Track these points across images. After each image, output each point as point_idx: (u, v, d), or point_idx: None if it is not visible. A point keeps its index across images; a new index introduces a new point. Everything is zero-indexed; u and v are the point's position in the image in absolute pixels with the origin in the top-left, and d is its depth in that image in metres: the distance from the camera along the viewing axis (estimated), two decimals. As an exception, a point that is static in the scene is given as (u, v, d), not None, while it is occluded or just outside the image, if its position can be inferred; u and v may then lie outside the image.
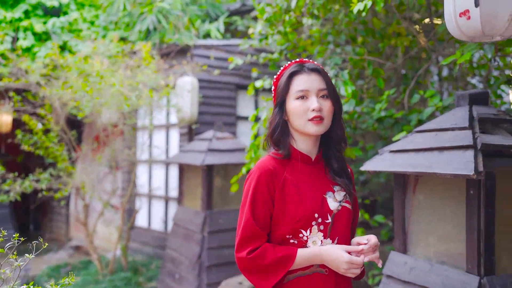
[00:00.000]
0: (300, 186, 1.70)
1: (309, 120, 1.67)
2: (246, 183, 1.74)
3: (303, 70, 1.72)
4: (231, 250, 5.18)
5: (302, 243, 1.66)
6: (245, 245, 1.65)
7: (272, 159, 1.74)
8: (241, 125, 6.66)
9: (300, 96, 1.68)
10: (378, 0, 3.10)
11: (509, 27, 1.59)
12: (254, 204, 1.66)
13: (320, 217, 1.66)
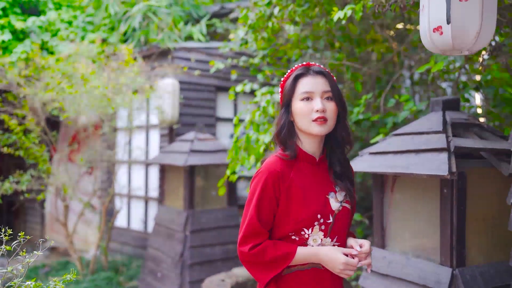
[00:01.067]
0: (305, 187, 1.76)
1: (313, 121, 1.72)
2: (253, 182, 1.78)
3: (308, 72, 1.78)
4: (212, 248, 5.31)
5: (303, 240, 1.74)
6: (247, 240, 1.74)
7: (279, 160, 1.78)
8: (220, 127, 6.79)
9: (305, 97, 1.74)
10: (357, 10, 3.28)
11: (476, 43, 1.77)
12: (260, 205, 1.72)
13: (322, 217, 1.74)
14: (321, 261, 1.74)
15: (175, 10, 7.06)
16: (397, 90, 5.30)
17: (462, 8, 1.69)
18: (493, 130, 2.76)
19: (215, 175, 5.56)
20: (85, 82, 4.93)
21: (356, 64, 4.58)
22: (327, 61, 4.47)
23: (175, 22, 6.73)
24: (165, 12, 6.75)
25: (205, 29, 6.97)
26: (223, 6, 7.80)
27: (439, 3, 1.73)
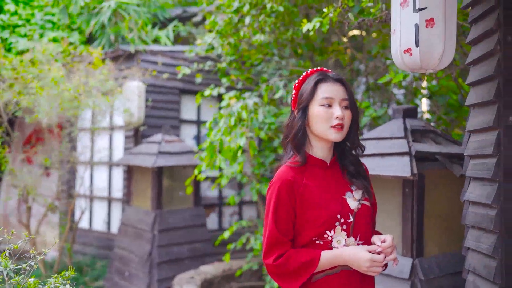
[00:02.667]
0: (319, 190, 1.76)
1: (331, 127, 1.74)
2: (268, 194, 1.79)
3: (328, 78, 1.79)
4: (180, 247, 5.47)
5: (327, 243, 1.72)
6: (270, 252, 1.73)
7: (289, 168, 1.78)
8: (184, 128, 6.93)
9: (325, 103, 1.75)
10: (324, 23, 3.55)
11: (440, 64, 2.06)
12: (277, 215, 1.73)
13: (342, 217, 1.73)
14: (346, 262, 1.71)
15: (143, 11, 7.14)
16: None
17: (428, 33, 1.96)
18: (446, 136, 3.10)
19: (182, 176, 5.71)
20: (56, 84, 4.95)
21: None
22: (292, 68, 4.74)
23: (144, 24, 6.82)
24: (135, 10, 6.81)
25: (172, 33, 7.10)
26: (185, 9, 7.93)
27: (409, 28, 2.00)
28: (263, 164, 5.12)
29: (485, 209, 2.16)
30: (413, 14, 1.96)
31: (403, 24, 2.00)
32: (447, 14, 1.97)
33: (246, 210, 7.41)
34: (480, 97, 2.21)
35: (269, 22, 4.33)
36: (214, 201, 7.04)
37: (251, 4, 4.29)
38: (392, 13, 2.08)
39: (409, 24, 1.98)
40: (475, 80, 2.25)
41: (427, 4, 1.94)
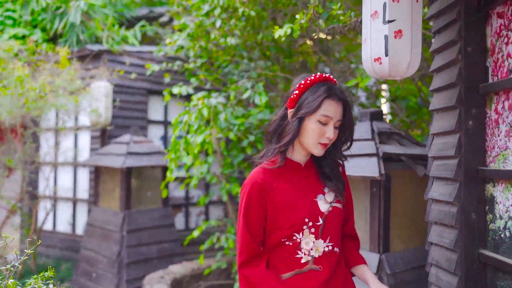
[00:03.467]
0: (290, 193, 1.77)
1: (319, 143, 1.74)
2: (240, 194, 1.82)
3: (334, 96, 1.75)
4: (149, 247, 5.48)
5: (296, 244, 1.74)
6: (242, 254, 1.77)
7: (263, 170, 1.79)
8: (151, 129, 6.93)
9: (323, 121, 1.73)
10: (295, 29, 3.67)
11: (407, 72, 2.21)
12: (247, 218, 1.76)
13: (310, 221, 1.74)
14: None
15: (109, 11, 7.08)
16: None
17: (397, 44, 2.11)
18: (410, 138, 3.29)
19: (150, 177, 5.73)
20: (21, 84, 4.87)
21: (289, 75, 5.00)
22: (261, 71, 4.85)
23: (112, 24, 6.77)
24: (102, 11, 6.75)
25: (139, 33, 7.08)
26: (152, 9, 7.91)
27: (379, 38, 2.14)
28: (231, 164, 5.20)
29: (447, 206, 2.33)
30: (383, 26, 2.10)
31: (373, 34, 2.13)
32: (414, 26, 2.11)
33: (213, 210, 7.47)
34: (443, 102, 2.38)
35: (240, 26, 4.42)
36: (181, 201, 7.07)
37: (222, 7, 4.37)
38: (363, 24, 2.22)
39: (379, 34, 2.11)
40: (438, 86, 2.42)
41: (396, 17, 2.07)
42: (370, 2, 2.15)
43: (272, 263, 1.79)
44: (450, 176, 2.27)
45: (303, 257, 1.75)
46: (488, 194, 2.17)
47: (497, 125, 2.11)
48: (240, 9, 4.19)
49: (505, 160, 2.04)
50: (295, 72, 5.69)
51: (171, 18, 7.33)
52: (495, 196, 2.12)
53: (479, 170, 2.19)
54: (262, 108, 4.55)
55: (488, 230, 2.17)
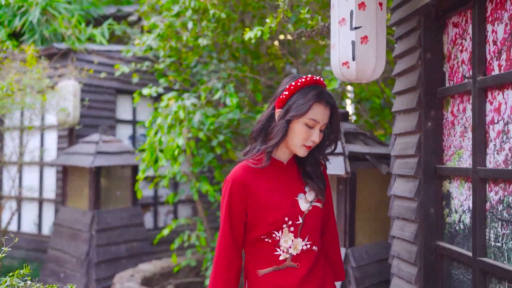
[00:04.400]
0: (271, 191, 1.78)
1: (304, 145, 1.75)
2: (222, 190, 1.83)
3: (323, 100, 1.74)
4: (118, 246, 5.50)
5: (275, 242, 1.75)
6: (219, 251, 1.79)
7: (245, 167, 1.79)
8: (120, 128, 6.91)
9: (310, 124, 1.72)
10: (265, 32, 3.79)
11: (372, 75, 2.35)
12: (229, 215, 1.77)
13: (290, 219, 1.74)
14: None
15: (75, 9, 7.02)
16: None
17: (363, 49, 2.24)
18: (374, 138, 3.46)
19: (119, 176, 5.74)
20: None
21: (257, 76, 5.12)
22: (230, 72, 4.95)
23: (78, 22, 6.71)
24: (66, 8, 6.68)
25: (107, 32, 7.04)
26: (120, 8, 7.88)
27: (346, 44, 2.27)
28: (201, 163, 5.28)
29: (408, 202, 2.49)
30: (350, 32, 2.23)
31: (341, 40, 2.27)
32: (379, 32, 2.26)
33: (182, 209, 7.51)
34: (404, 105, 2.54)
35: (211, 28, 4.51)
36: (149, 200, 7.09)
37: (193, 9, 4.44)
38: (332, 30, 2.35)
39: (347, 40, 2.24)
40: (400, 90, 2.59)
41: (362, 24, 2.21)
42: (338, 9, 2.28)
43: (250, 257, 1.81)
44: (410, 174, 2.43)
45: (281, 254, 1.76)
46: (445, 190, 2.34)
47: (453, 126, 2.28)
48: (211, 11, 4.28)
49: (460, 159, 2.22)
50: (264, 73, 5.82)
51: (139, 18, 7.33)
52: (451, 192, 2.29)
53: (437, 168, 2.36)
54: (232, 109, 4.65)
55: (445, 223, 2.34)
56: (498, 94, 1.93)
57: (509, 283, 1.83)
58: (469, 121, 2.14)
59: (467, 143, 2.16)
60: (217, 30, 4.66)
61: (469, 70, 2.15)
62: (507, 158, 1.86)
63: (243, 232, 1.81)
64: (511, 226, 1.83)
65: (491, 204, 1.96)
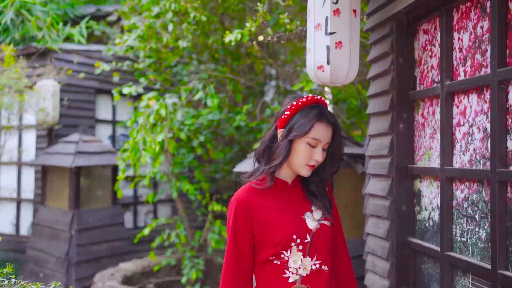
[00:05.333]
0: (277, 211, 1.75)
1: (307, 165, 1.74)
2: (227, 213, 1.80)
3: (324, 119, 1.74)
4: (99, 246, 5.52)
5: (284, 263, 1.72)
6: (225, 279, 1.74)
7: (249, 188, 1.78)
8: (100, 128, 6.91)
9: (312, 144, 1.72)
10: (245, 34, 3.87)
11: (346, 79, 2.45)
12: (236, 240, 1.74)
13: (298, 238, 1.72)
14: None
15: (52, 8, 6.98)
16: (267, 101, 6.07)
17: (337, 54, 2.34)
18: (350, 138, 3.58)
19: (100, 176, 5.75)
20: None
21: (237, 77, 5.20)
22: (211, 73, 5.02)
23: (53, 21, 6.68)
24: (41, 10, 6.64)
25: (85, 31, 7.02)
26: (99, 8, 7.86)
27: (321, 48, 2.37)
28: (182, 163, 5.34)
29: (382, 200, 2.61)
30: (325, 37, 2.33)
31: (316, 44, 2.37)
32: (352, 38, 2.36)
33: (161, 209, 7.54)
34: (378, 107, 2.65)
35: (191, 30, 4.57)
36: (129, 200, 7.10)
37: (173, 11, 4.50)
38: (308, 35, 2.45)
39: (322, 45, 2.34)
40: (374, 93, 2.70)
41: (336, 29, 2.31)
42: (314, 15, 2.38)
43: (259, 282, 1.77)
44: (384, 173, 2.54)
45: (290, 277, 1.71)
46: (416, 189, 2.46)
47: (423, 128, 2.40)
48: (192, 14, 4.34)
49: (429, 159, 2.33)
50: (243, 74, 5.90)
51: (119, 17, 7.33)
52: (421, 190, 2.41)
53: (409, 168, 2.47)
54: (213, 109, 4.72)
55: (416, 220, 2.46)
56: (463, 98, 2.05)
57: (473, 275, 1.95)
58: (438, 123, 2.26)
59: (436, 144, 2.28)
60: (197, 32, 4.73)
61: (438, 75, 2.27)
62: (472, 158, 1.98)
63: (250, 255, 1.76)
64: (475, 222, 1.95)
65: (457, 202, 2.08)
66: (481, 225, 1.91)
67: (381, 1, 2.56)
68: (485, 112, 1.90)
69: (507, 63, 1.77)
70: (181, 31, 4.58)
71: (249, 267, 1.77)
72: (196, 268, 4.96)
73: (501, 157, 1.76)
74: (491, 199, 1.78)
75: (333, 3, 2.32)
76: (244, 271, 1.75)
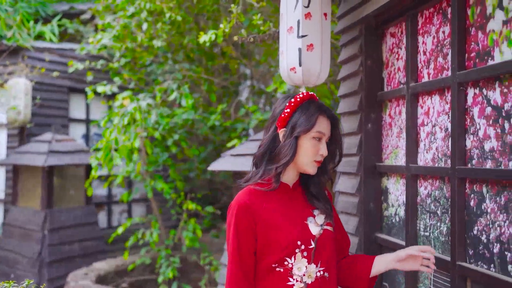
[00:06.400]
0: (280, 215, 1.70)
1: (314, 161, 1.72)
2: (227, 218, 1.73)
3: (324, 113, 1.74)
4: (71, 245, 5.48)
5: (287, 270, 1.65)
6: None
7: (250, 191, 1.72)
8: (73, 127, 6.86)
9: (317, 137, 1.71)
10: (219, 35, 3.92)
11: (317, 80, 2.53)
12: (239, 247, 1.66)
13: (302, 243, 1.66)
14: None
15: (22, 6, 6.87)
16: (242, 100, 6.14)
17: (309, 56, 2.42)
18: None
19: (73, 175, 5.72)
20: None
21: (211, 77, 5.25)
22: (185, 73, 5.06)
23: (24, 19, 6.59)
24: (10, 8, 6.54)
25: (57, 29, 6.95)
26: (72, 6, 7.79)
27: (294, 50, 2.44)
28: (156, 162, 5.35)
29: (351, 197, 2.70)
30: (297, 40, 2.41)
31: (289, 47, 2.44)
32: (323, 40, 2.44)
33: (136, 208, 7.53)
34: (347, 107, 2.74)
35: (166, 29, 4.60)
36: (103, 199, 7.06)
37: (148, 11, 4.52)
38: (280, 38, 2.52)
39: (294, 47, 2.42)
40: (344, 93, 2.79)
41: (308, 32, 2.39)
42: (286, 18, 2.45)
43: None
44: (353, 171, 2.63)
45: (295, 284, 1.64)
46: (383, 186, 2.56)
47: (390, 128, 2.50)
48: (167, 14, 4.37)
49: (396, 157, 2.43)
50: (218, 74, 5.95)
51: (93, 16, 7.28)
52: (388, 187, 2.51)
53: (377, 166, 2.57)
54: (187, 109, 4.76)
55: (383, 216, 2.55)
56: (427, 99, 2.16)
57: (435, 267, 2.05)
58: (403, 123, 2.36)
59: (402, 143, 2.37)
60: (172, 31, 4.76)
61: (404, 76, 2.37)
62: (434, 156, 2.08)
63: (253, 262, 1.69)
64: (436, 217, 2.05)
65: (421, 198, 2.18)
66: (442, 220, 2.02)
67: (351, 4, 2.65)
68: (447, 112, 2.01)
69: (466, 66, 1.87)
70: (155, 31, 4.60)
71: (252, 273, 1.69)
72: (172, 267, 4.99)
73: (460, 155, 1.87)
74: (451, 195, 1.88)
75: (304, 7, 2.39)
76: (248, 278, 1.67)
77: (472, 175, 1.80)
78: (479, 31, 1.81)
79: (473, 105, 1.84)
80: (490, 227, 1.73)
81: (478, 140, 1.81)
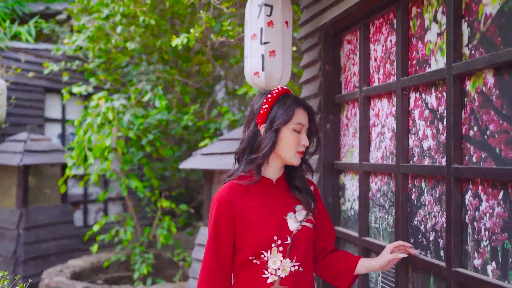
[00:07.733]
0: (260, 210, 1.74)
1: (297, 152, 1.77)
2: (209, 212, 1.79)
3: (301, 105, 1.79)
4: (47, 244, 5.56)
5: (263, 263, 1.71)
6: (202, 282, 1.73)
7: (232, 185, 1.77)
8: (49, 127, 6.91)
9: (297, 129, 1.75)
10: (191, 38, 4.07)
11: (279, 84, 2.71)
12: (217, 234, 1.73)
13: (279, 239, 1.71)
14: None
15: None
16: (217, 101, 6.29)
17: (271, 61, 2.59)
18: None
19: (49, 174, 5.79)
20: None
21: (185, 79, 5.39)
22: (159, 73, 5.19)
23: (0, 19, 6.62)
24: None
25: (33, 30, 6.99)
26: (48, 6, 7.82)
27: (257, 56, 2.61)
28: (131, 161, 5.47)
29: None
30: (260, 46, 2.58)
31: (253, 52, 2.61)
32: (285, 47, 2.62)
33: (112, 207, 7.61)
34: (309, 109, 2.93)
35: (140, 32, 4.72)
36: (79, 198, 7.13)
37: (122, 14, 4.63)
38: (245, 43, 2.69)
39: (257, 53, 2.59)
40: (306, 96, 2.97)
41: (270, 39, 2.56)
42: (250, 26, 2.62)
43: (238, 283, 1.76)
44: (313, 169, 2.81)
45: (269, 277, 1.71)
46: (341, 183, 2.75)
47: (347, 128, 2.69)
48: (141, 18, 4.49)
49: (351, 155, 2.62)
50: (192, 75, 6.09)
51: (69, 16, 7.33)
52: (345, 184, 2.70)
53: (335, 164, 2.75)
54: (161, 110, 4.89)
55: (341, 210, 2.74)
56: (378, 102, 2.35)
57: (382, 255, 2.24)
58: (358, 124, 2.55)
59: (357, 142, 2.57)
60: (146, 34, 4.88)
61: (358, 81, 2.56)
62: (383, 154, 2.28)
63: (230, 254, 1.75)
64: (384, 210, 2.25)
65: (372, 193, 2.37)
66: (389, 212, 2.21)
67: (311, 13, 2.83)
68: (393, 114, 2.20)
69: (409, 72, 2.07)
70: (130, 33, 4.72)
71: (228, 266, 1.76)
72: (147, 263, 5.11)
73: (404, 153, 2.06)
74: (396, 189, 2.08)
75: (267, 16, 2.57)
76: (223, 270, 1.74)
77: (413, 171, 2.00)
78: (419, 41, 2.01)
79: (414, 108, 2.03)
80: (427, 218, 1.92)
81: (418, 140, 2.00)
